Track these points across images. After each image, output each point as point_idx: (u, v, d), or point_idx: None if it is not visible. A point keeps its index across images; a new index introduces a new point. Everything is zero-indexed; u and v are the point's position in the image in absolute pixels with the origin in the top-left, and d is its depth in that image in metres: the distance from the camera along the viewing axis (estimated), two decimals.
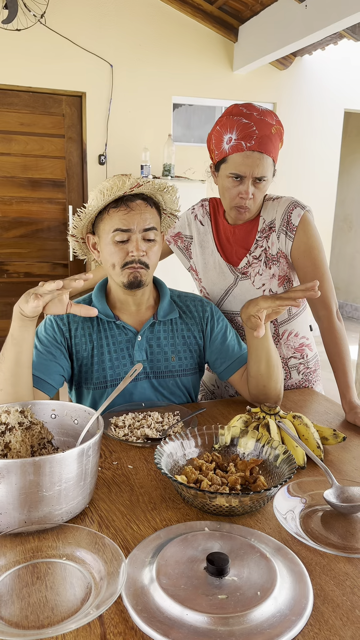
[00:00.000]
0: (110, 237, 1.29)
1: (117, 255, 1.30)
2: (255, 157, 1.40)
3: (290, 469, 0.97)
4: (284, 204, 1.52)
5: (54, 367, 1.32)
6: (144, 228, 1.29)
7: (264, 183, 1.45)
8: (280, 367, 1.38)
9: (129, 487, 1.04)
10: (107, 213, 1.29)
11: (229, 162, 1.43)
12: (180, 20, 4.65)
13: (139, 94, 4.65)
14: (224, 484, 1.00)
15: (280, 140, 1.46)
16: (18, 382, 1.18)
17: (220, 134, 1.44)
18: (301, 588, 0.75)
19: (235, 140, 1.40)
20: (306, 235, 1.49)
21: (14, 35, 4.17)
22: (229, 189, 1.46)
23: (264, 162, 1.41)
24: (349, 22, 3.55)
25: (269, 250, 1.54)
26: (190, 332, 1.45)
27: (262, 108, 1.44)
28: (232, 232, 1.58)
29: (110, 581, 0.74)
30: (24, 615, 0.70)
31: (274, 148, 1.43)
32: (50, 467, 0.84)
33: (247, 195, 1.43)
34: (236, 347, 1.46)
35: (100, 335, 1.38)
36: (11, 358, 1.16)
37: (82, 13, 4.35)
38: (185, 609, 0.70)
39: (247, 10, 4.52)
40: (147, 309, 1.43)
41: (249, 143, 1.39)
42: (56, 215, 4.74)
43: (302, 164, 5.28)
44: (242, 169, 1.41)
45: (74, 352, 1.36)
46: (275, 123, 1.43)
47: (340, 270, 7.07)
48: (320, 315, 1.50)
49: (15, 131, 4.46)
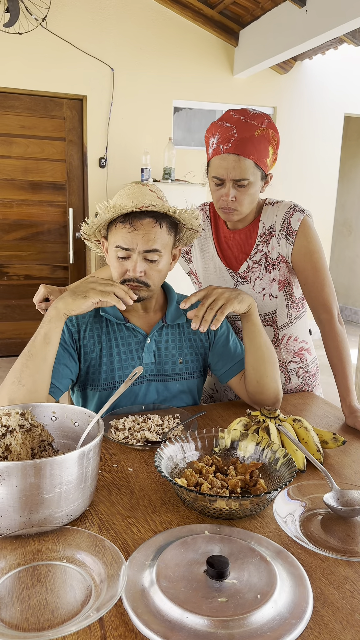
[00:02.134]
0: (113, 250, 1.30)
1: (116, 270, 1.31)
2: (231, 160, 1.40)
3: (290, 472, 0.97)
4: (284, 209, 1.52)
5: (64, 371, 1.32)
6: (146, 249, 1.26)
7: (247, 186, 1.43)
8: (277, 366, 1.39)
9: (129, 490, 1.04)
10: (115, 226, 1.28)
11: (211, 166, 1.46)
12: (181, 24, 4.67)
13: (139, 98, 4.66)
14: (224, 487, 1.00)
15: (269, 143, 1.42)
16: (41, 380, 1.20)
17: (207, 138, 1.47)
18: (301, 591, 0.75)
19: (215, 144, 1.42)
20: (306, 239, 1.50)
21: (15, 39, 4.19)
22: (213, 192, 1.48)
23: (242, 164, 1.40)
24: (349, 27, 3.57)
25: (269, 254, 1.54)
26: (196, 336, 1.47)
27: (254, 112, 1.42)
28: (232, 236, 1.59)
29: (110, 584, 0.74)
30: (24, 617, 0.70)
31: (255, 150, 1.40)
32: (51, 469, 0.84)
33: (228, 198, 1.43)
34: (237, 350, 1.47)
35: (109, 337, 1.39)
36: (41, 356, 1.19)
37: (83, 17, 4.37)
38: (185, 611, 0.70)
39: (248, 15, 4.54)
40: (155, 312, 1.45)
41: (225, 146, 1.40)
42: (56, 218, 4.75)
43: (302, 168, 5.29)
44: (220, 171, 1.42)
45: (82, 353, 1.37)
46: (266, 126, 1.41)
47: (340, 274, 7.08)
48: (321, 319, 1.50)
49: (16, 134, 4.48)
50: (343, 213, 7.00)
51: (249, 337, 1.35)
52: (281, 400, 1.44)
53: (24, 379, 1.18)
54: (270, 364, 1.37)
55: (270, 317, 1.60)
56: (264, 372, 1.37)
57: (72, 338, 1.36)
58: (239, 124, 1.40)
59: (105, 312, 1.39)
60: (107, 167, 4.68)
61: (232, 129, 1.39)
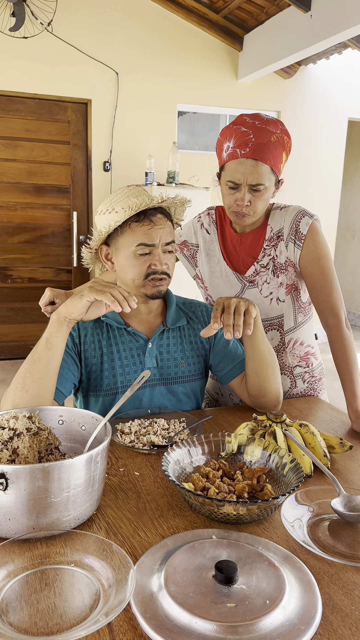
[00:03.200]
0: (131, 250, 1.30)
1: (138, 268, 1.31)
2: (249, 165, 1.40)
3: (298, 477, 0.97)
4: (292, 213, 1.52)
5: (67, 375, 1.32)
6: (166, 242, 1.32)
7: (262, 191, 1.44)
8: (278, 367, 1.39)
9: (135, 494, 1.04)
10: (129, 227, 1.29)
11: (226, 170, 1.45)
12: (185, 28, 4.68)
13: (144, 102, 4.67)
14: (231, 491, 1.00)
15: (283, 149, 1.45)
16: (45, 386, 1.20)
17: (221, 142, 1.46)
18: (310, 597, 0.75)
19: (231, 148, 1.42)
20: (315, 244, 1.50)
21: (21, 43, 4.21)
22: (227, 196, 1.48)
23: (259, 169, 1.41)
24: (354, 32, 3.57)
25: (277, 258, 1.54)
26: (197, 338, 1.47)
27: (267, 117, 1.44)
28: (240, 240, 1.59)
29: (118, 588, 0.74)
30: (32, 621, 0.70)
31: (272, 156, 1.42)
32: (59, 473, 0.84)
33: (243, 203, 1.44)
34: (238, 351, 1.47)
35: (110, 342, 1.39)
36: (44, 362, 1.19)
37: (88, 21, 4.39)
38: (194, 617, 0.69)
39: (252, 20, 4.55)
40: (156, 317, 1.45)
41: (243, 150, 1.40)
42: (60, 221, 4.76)
43: (306, 172, 5.30)
44: (237, 176, 1.42)
45: (83, 358, 1.37)
46: (280, 132, 1.43)
47: (343, 279, 7.07)
48: (329, 324, 1.50)
49: (20, 137, 4.49)
50: (346, 217, 7.00)
51: (253, 343, 1.33)
52: (282, 402, 1.44)
53: (27, 385, 1.18)
54: (272, 368, 1.37)
55: (277, 322, 1.60)
56: (267, 377, 1.37)
57: (74, 342, 1.36)
58: (255, 129, 1.40)
59: (106, 316, 1.39)
60: (111, 170, 4.69)
61: (248, 134, 1.40)
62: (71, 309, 1.17)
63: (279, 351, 1.62)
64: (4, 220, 4.59)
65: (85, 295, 1.14)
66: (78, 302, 1.16)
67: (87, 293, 1.14)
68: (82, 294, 1.15)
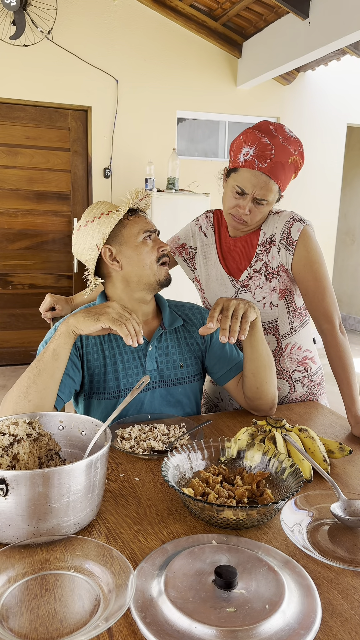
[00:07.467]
0: (141, 238, 1.36)
1: (152, 252, 1.38)
2: (262, 180, 1.42)
3: (297, 482, 0.97)
4: (284, 219, 1.53)
5: (67, 381, 1.33)
6: (157, 230, 1.42)
7: (264, 206, 1.47)
8: (275, 370, 1.40)
9: (135, 500, 1.04)
10: (128, 220, 1.37)
11: (238, 174, 1.46)
12: (184, 36, 4.72)
13: (143, 108, 4.70)
14: (231, 497, 1.00)
15: (294, 171, 1.48)
16: (47, 396, 1.21)
17: (242, 144, 1.46)
18: (309, 602, 0.75)
19: (250, 155, 1.42)
20: (306, 249, 1.51)
21: (21, 51, 4.24)
22: (230, 198, 1.49)
23: (269, 186, 1.43)
24: (352, 39, 3.60)
25: (269, 263, 1.55)
26: (193, 339, 1.49)
27: (291, 135, 1.45)
28: (234, 244, 1.60)
29: (118, 593, 0.74)
30: (33, 627, 0.70)
31: (284, 177, 1.45)
32: (59, 478, 0.85)
33: (244, 210, 1.46)
34: (234, 353, 1.48)
35: (111, 345, 1.40)
36: (49, 372, 1.20)
37: (88, 29, 4.42)
38: (194, 621, 0.70)
39: (251, 27, 4.58)
40: (152, 319, 1.47)
41: (261, 164, 1.41)
42: (61, 228, 4.78)
43: (305, 177, 5.31)
44: (247, 184, 1.43)
45: (85, 361, 1.38)
46: (298, 154, 1.45)
47: (343, 283, 7.08)
48: (323, 329, 1.50)
49: (21, 144, 4.52)
50: (346, 222, 7.02)
51: (252, 345, 1.34)
52: (277, 405, 1.45)
53: (30, 394, 1.19)
54: (270, 371, 1.39)
55: (272, 326, 1.60)
56: (264, 379, 1.38)
57: (75, 346, 1.37)
58: (277, 146, 1.42)
59: None
60: (111, 177, 4.71)
61: (270, 148, 1.41)
62: (82, 327, 1.21)
63: (277, 356, 1.63)
64: (4, 226, 4.61)
65: (101, 321, 1.19)
66: (92, 324, 1.20)
67: (104, 320, 1.20)
68: (99, 319, 1.20)
